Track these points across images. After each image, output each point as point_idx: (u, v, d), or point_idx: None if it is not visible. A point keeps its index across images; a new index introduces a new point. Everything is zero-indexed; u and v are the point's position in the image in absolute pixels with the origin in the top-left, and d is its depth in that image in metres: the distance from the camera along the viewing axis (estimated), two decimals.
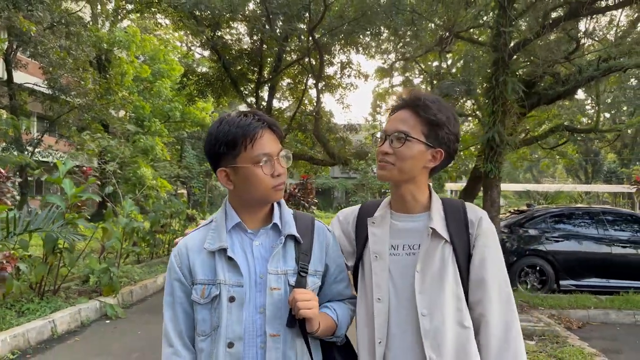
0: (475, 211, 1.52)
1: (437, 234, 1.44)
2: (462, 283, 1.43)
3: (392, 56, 15.50)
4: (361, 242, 1.58)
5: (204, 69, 25.86)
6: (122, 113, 23.50)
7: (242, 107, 32.90)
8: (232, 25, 14.54)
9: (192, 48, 20.96)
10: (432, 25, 9.48)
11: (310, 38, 11.40)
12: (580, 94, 17.80)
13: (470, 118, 13.61)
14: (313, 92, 18.44)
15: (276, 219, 1.47)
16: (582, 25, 9.49)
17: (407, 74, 18.16)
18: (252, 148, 1.38)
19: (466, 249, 1.46)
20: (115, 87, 19.48)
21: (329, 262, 1.54)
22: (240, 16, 11.69)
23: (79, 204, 6.41)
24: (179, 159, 30.82)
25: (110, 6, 22.82)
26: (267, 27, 10.80)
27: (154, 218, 9.66)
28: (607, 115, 46.06)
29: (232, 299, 1.36)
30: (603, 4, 6.89)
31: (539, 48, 7.99)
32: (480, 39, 9.86)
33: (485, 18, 7.05)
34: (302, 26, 12.57)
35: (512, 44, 6.67)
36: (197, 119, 27.85)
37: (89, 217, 7.42)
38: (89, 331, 5.70)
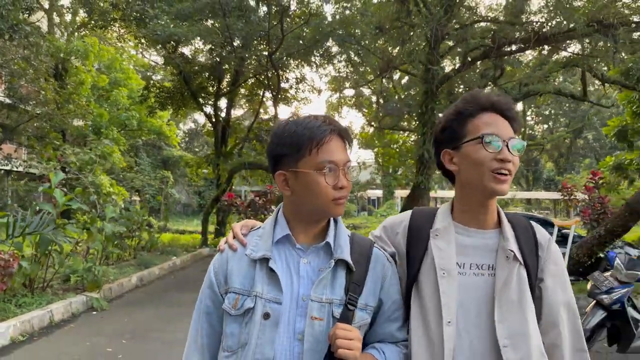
0: (543, 233, 1.44)
1: (515, 257, 1.35)
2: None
3: (343, 71, 16.88)
4: (417, 256, 1.42)
5: (158, 77, 26.48)
6: (81, 122, 23.78)
7: (201, 117, 33.41)
8: (193, 41, 15.48)
9: (147, 56, 21.67)
10: (375, 56, 10.88)
11: (269, 61, 12.53)
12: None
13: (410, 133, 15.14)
14: (269, 102, 19.55)
15: (330, 238, 1.33)
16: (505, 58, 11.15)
17: (360, 83, 19.59)
18: (318, 153, 1.27)
19: (535, 272, 1.38)
20: (76, 97, 19.90)
21: (384, 297, 1.38)
22: (203, 40, 12.66)
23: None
24: (134, 166, 31.18)
25: (68, 17, 23.18)
26: (229, 49, 11.86)
27: (123, 224, 10.50)
28: (545, 126, 49.18)
29: (266, 316, 1.25)
30: (508, 49, 8.41)
31: (467, 77, 9.51)
32: (414, 71, 11.36)
33: (417, 55, 8.37)
34: (261, 47, 13.74)
35: (439, 77, 8.08)
36: (154, 127, 28.39)
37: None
38: (81, 320, 6.61)
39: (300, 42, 13.01)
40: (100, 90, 26.13)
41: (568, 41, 7.96)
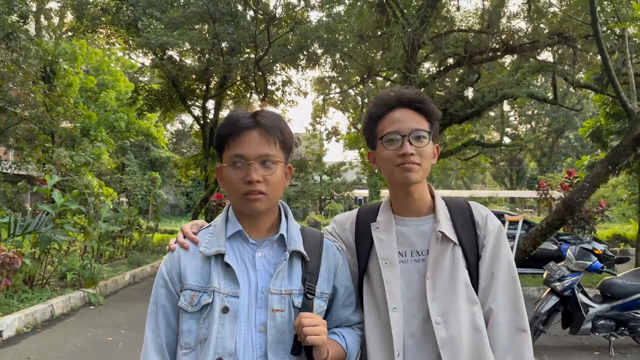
0: (480, 211, 1.49)
1: (446, 237, 1.40)
2: (473, 285, 1.40)
3: (328, 75, 17.37)
4: (365, 249, 1.50)
5: (146, 78, 26.70)
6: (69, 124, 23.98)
7: (188, 118, 33.65)
8: (183, 48, 15.87)
9: (135, 58, 21.93)
10: (357, 63, 11.40)
11: (256, 66, 12.98)
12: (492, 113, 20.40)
13: None
14: (256, 104, 19.92)
15: (282, 230, 1.37)
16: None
17: (344, 87, 20.05)
18: (229, 147, 1.31)
19: (475, 250, 1.43)
20: (66, 100, 20.12)
21: (337, 285, 1.43)
22: (193, 49, 13.06)
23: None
24: (122, 167, 31.34)
25: (56, 20, 23.38)
26: (217, 56, 12.28)
27: (116, 224, 10.87)
28: (528, 126, 50.03)
29: (225, 310, 1.26)
30: (479, 57, 8.97)
31: (445, 82, 10.03)
32: (394, 77, 11.91)
33: (395, 63, 8.84)
34: (248, 50, 14.17)
35: (416, 84, 8.59)
36: (142, 129, 28.62)
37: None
38: (80, 313, 7.01)
39: (287, 46, 13.46)
40: (89, 92, 26.31)
41: (533, 51, 8.55)
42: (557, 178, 28.84)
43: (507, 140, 37.97)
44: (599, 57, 7.53)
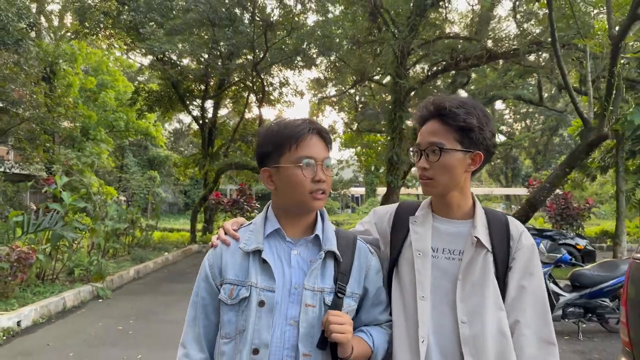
0: (517, 226, 1.54)
1: (480, 243, 1.46)
2: (500, 293, 1.44)
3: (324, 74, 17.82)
4: (399, 241, 1.58)
5: (144, 78, 27.05)
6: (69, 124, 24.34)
7: (186, 117, 33.98)
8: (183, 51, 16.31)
9: (133, 57, 22.30)
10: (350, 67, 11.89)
11: (254, 70, 13.44)
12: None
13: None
14: (254, 104, 20.38)
15: (318, 231, 1.45)
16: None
17: (340, 86, 20.45)
18: (297, 149, 1.39)
19: (505, 261, 1.47)
20: (66, 101, 20.51)
21: (368, 285, 1.50)
22: (193, 54, 13.52)
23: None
24: (121, 165, 31.76)
25: (56, 21, 23.75)
26: (216, 60, 12.73)
27: (122, 222, 11.32)
28: (523, 124, 50.53)
29: (261, 304, 1.34)
30: (465, 64, 9.46)
31: (437, 85, 10.52)
32: (385, 81, 12.39)
33: (386, 68, 9.28)
34: (245, 53, 14.62)
35: (406, 89, 9.07)
36: (141, 128, 29.01)
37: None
38: (89, 306, 7.47)
39: (284, 49, 13.91)
40: (88, 92, 26.68)
41: (514, 58, 9.05)
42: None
43: (502, 138, 38.49)
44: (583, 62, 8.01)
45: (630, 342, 2.23)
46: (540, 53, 8.42)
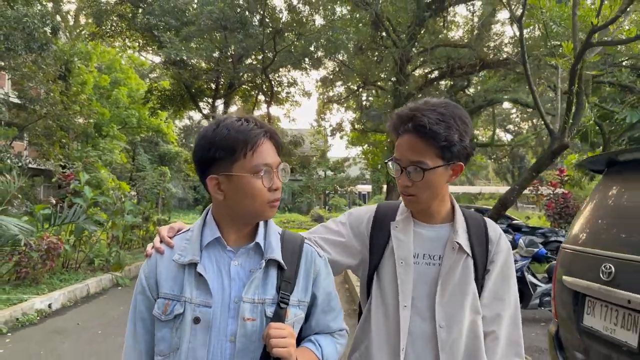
0: (495, 229, 1.55)
1: (461, 248, 1.46)
2: (478, 296, 1.46)
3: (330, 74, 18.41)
4: (380, 246, 1.54)
5: (156, 75, 27.69)
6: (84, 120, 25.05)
7: (196, 114, 34.64)
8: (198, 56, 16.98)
9: (144, 55, 22.99)
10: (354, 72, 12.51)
11: (263, 73, 14.08)
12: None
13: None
14: (262, 103, 21.00)
15: (259, 238, 1.33)
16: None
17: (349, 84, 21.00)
18: (252, 156, 1.26)
19: (484, 263, 1.49)
20: (81, 98, 21.21)
21: (317, 291, 1.39)
22: (207, 58, 14.18)
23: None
24: (132, 161, 32.50)
25: (71, 21, 24.46)
26: (228, 64, 13.37)
27: (136, 217, 12.00)
28: (530, 123, 50.59)
29: (197, 320, 1.25)
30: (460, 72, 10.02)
31: (438, 88, 11.10)
32: (386, 86, 12.98)
33: (387, 75, 9.82)
34: (255, 54, 15.27)
35: (405, 95, 9.64)
36: (153, 125, 29.75)
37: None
38: (110, 292, 8.15)
39: (292, 51, 14.52)
40: (101, 90, 27.41)
41: (505, 67, 9.59)
42: (553, 175, 29.70)
43: (509, 137, 38.82)
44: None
45: (556, 313, 2.82)
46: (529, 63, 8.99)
